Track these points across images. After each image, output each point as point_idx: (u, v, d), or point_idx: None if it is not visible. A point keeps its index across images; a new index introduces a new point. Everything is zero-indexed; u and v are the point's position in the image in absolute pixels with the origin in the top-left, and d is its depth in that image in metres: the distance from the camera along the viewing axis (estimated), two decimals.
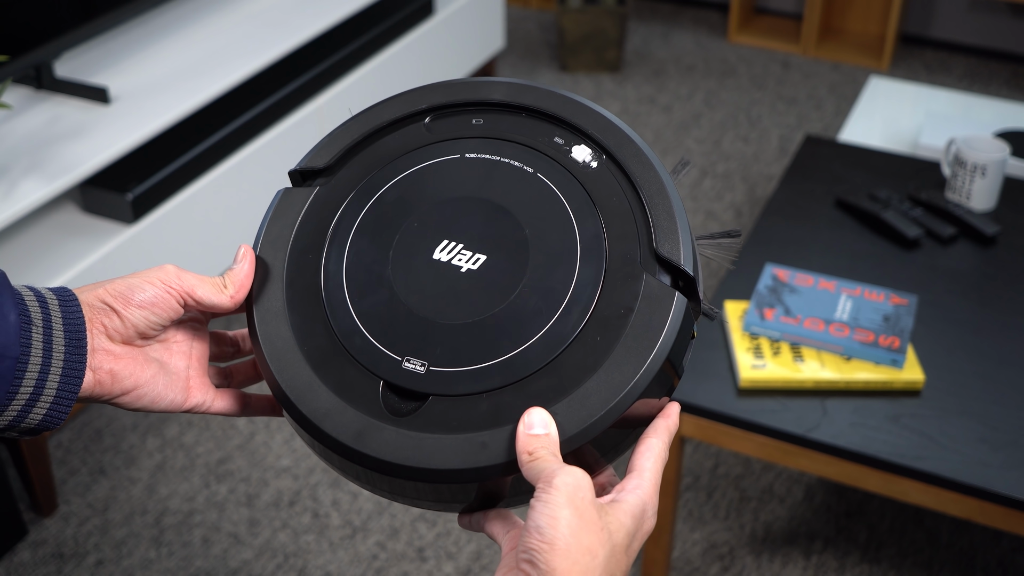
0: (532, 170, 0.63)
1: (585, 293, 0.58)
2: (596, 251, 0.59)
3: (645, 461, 0.56)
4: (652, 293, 0.57)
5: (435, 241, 0.61)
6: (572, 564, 0.50)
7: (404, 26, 2.68)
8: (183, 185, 2.06)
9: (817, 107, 3.32)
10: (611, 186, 0.62)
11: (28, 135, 1.93)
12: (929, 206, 1.91)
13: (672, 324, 0.56)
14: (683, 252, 0.58)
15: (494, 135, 0.65)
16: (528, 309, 0.58)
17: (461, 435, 0.55)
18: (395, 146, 0.66)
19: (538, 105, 0.65)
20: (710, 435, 1.54)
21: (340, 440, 0.56)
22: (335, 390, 0.58)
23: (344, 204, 0.64)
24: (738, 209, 2.81)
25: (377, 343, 0.58)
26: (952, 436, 1.46)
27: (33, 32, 1.96)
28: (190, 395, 0.63)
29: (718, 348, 1.60)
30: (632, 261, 0.59)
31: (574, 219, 0.61)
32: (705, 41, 3.76)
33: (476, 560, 1.85)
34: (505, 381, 0.56)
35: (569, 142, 0.64)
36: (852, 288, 1.65)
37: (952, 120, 2.32)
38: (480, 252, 0.60)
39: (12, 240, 1.92)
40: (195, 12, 2.43)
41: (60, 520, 1.92)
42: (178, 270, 0.61)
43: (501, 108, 0.66)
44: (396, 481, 0.56)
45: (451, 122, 0.66)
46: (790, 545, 1.88)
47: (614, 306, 0.57)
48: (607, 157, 0.63)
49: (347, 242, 0.62)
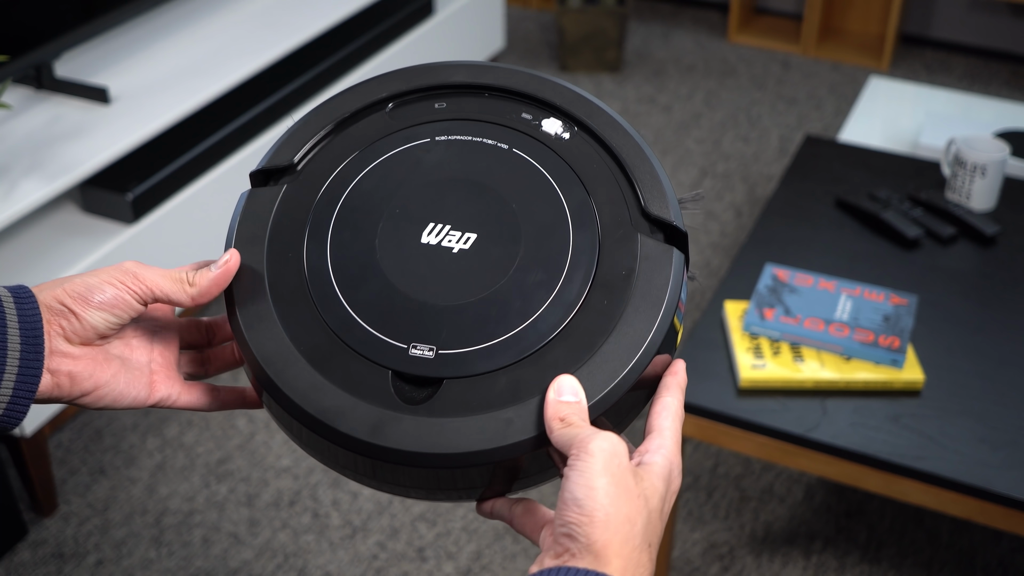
0: (507, 146, 0.62)
1: (584, 259, 0.57)
2: (587, 217, 0.59)
3: (663, 420, 0.55)
4: (650, 252, 0.57)
5: (421, 225, 0.59)
6: (613, 535, 0.48)
7: (404, 26, 2.68)
8: (183, 185, 2.06)
9: (817, 107, 3.32)
10: (588, 154, 0.62)
11: (28, 135, 1.93)
12: (929, 206, 1.91)
13: (675, 279, 0.57)
14: (672, 210, 0.59)
15: (461, 116, 0.64)
16: (530, 281, 0.57)
17: (484, 415, 0.54)
18: (360, 136, 0.64)
19: (500, 83, 0.64)
20: (710, 435, 1.54)
21: (357, 437, 0.54)
22: (342, 387, 0.55)
23: (317, 198, 0.62)
24: (738, 209, 2.81)
25: (378, 333, 0.57)
26: (952, 436, 1.46)
27: (33, 32, 1.96)
28: (154, 390, 0.62)
29: (718, 348, 1.60)
30: (624, 223, 0.59)
31: (559, 189, 0.60)
32: (705, 41, 3.76)
33: (476, 560, 1.86)
34: (520, 355, 0.55)
35: (537, 116, 0.63)
36: (852, 288, 1.65)
37: (952, 120, 2.32)
38: (470, 231, 0.59)
39: (12, 240, 1.92)
40: (195, 12, 2.43)
41: (60, 520, 1.93)
42: (138, 267, 0.59)
43: (462, 90, 0.65)
44: (419, 473, 0.54)
45: (414, 108, 0.65)
46: (790, 545, 1.88)
47: (615, 268, 0.57)
48: (578, 127, 0.63)
49: (327, 236, 0.60)
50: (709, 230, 2.72)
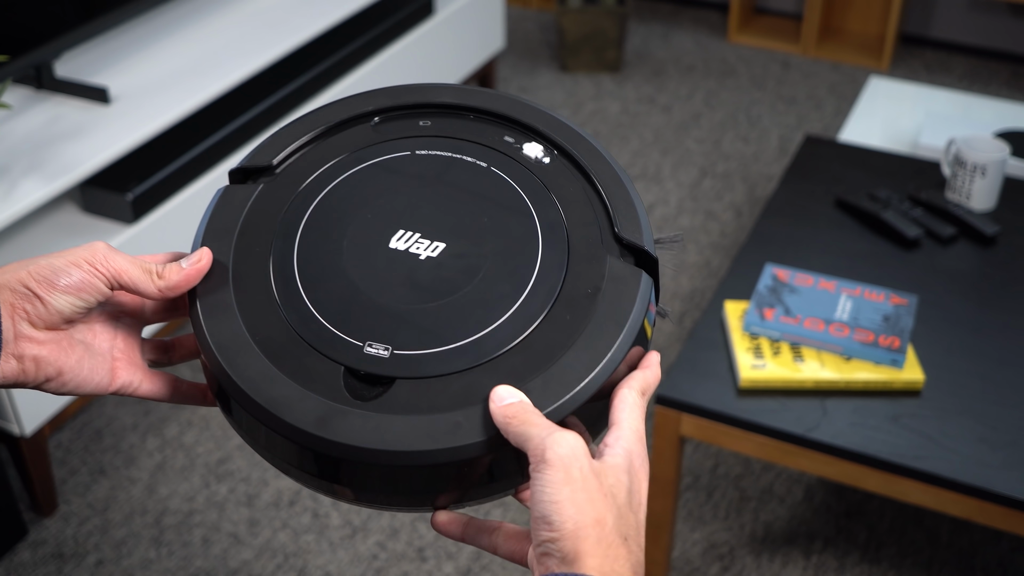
0: (485, 164, 0.63)
1: (551, 275, 0.58)
2: (558, 236, 0.60)
3: (619, 413, 0.55)
4: (618, 274, 0.58)
5: (391, 231, 0.60)
6: (584, 540, 0.49)
7: (404, 26, 2.68)
8: (183, 185, 2.06)
9: (817, 107, 3.32)
10: (566, 178, 0.63)
11: (28, 135, 1.93)
12: (929, 206, 1.91)
13: (641, 301, 0.57)
14: (644, 235, 0.60)
15: (444, 134, 0.65)
16: (494, 291, 0.57)
17: (432, 416, 0.53)
18: (342, 145, 0.65)
19: (485, 106, 0.66)
20: (710, 435, 1.54)
21: (302, 428, 0.54)
22: (293, 378, 0.55)
23: (292, 199, 0.62)
24: (738, 209, 2.81)
25: (336, 330, 0.57)
26: (952, 436, 1.46)
27: (33, 32, 1.96)
28: (115, 377, 0.61)
29: (718, 348, 1.60)
30: (595, 244, 0.60)
31: (532, 208, 0.61)
32: (705, 41, 3.76)
33: (476, 560, 1.86)
34: (475, 361, 0.55)
35: (519, 140, 0.65)
36: (852, 288, 1.65)
37: (952, 120, 2.32)
38: (439, 240, 0.59)
39: (12, 240, 1.92)
40: (195, 12, 2.43)
41: (60, 520, 1.93)
42: (108, 250, 0.58)
43: (448, 111, 0.67)
44: (365, 471, 0.54)
45: (399, 124, 0.66)
46: (790, 545, 1.88)
47: (581, 286, 0.58)
48: (559, 152, 0.64)
49: (297, 235, 0.60)
50: (709, 230, 2.72)
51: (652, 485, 1.64)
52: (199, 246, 0.61)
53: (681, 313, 2.43)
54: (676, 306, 2.45)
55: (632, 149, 3.09)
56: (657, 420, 1.56)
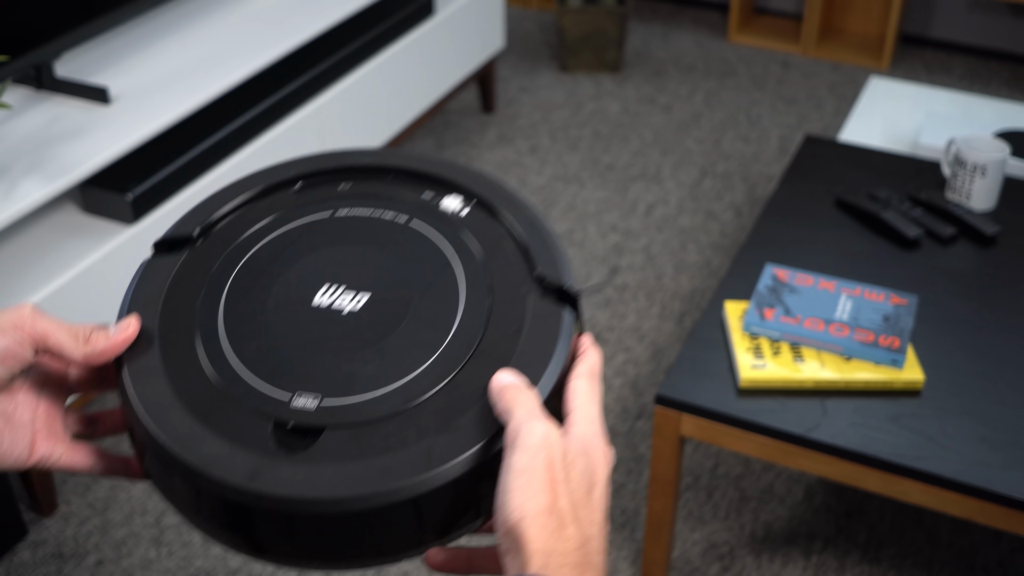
0: (405, 219, 0.66)
1: (474, 319, 0.60)
2: (479, 281, 0.62)
3: (572, 402, 0.55)
4: (540, 312, 0.60)
5: (316, 287, 0.62)
6: (529, 527, 0.49)
7: (404, 26, 2.68)
8: (183, 185, 2.06)
9: (817, 107, 3.32)
10: (485, 225, 0.65)
11: (28, 135, 1.93)
12: (929, 206, 1.91)
13: (564, 336, 0.59)
14: (562, 273, 0.62)
15: (363, 194, 0.68)
16: (418, 338, 0.59)
17: (363, 462, 0.54)
18: (265, 211, 0.67)
19: (402, 166, 0.69)
20: (710, 435, 1.54)
21: (232, 483, 0.53)
22: (221, 436, 0.55)
23: (216, 263, 0.64)
24: (738, 209, 2.81)
25: (263, 384, 0.57)
26: (952, 436, 1.46)
27: (33, 32, 1.96)
28: (35, 449, 0.58)
29: (718, 348, 1.60)
30: (516, 286, 0.62)
31: (453, 256, 0.63)
32: (705, 41, 3.76)
33: None
34: (403, 406, 0.56)
35: (438, 195, 0.67)
36: (852, 288, 1.65)
37: (952, 120, 2.32)
38: (363, 292, 0.61)
39: (12, 240, 1.93)
40: (195, 12, 2.44)
41: (60, 520, 1.93)
42: (35, 312, 0.56)
43: (367, 173, 0.69)
44: (302, 524, 0.54)
45: (319, 188, 0.69)
46: (790, 545, 1.88)
47: (504, 327, 0.59)
48: (477, 203, 0.67)
49: (222, 297, 0.62)
50: (709, 230, 2.72)
51: (652, 485, 1.64)
52: (125, 315, 0.61)
53: (681, 313, 2.43)
54: (676, 306, 2.45)
55: (632, 149, 3.09)
56: (657, 420, 1.56)
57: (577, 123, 3.23)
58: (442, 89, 2.87)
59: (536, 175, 2.96)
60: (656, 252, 2.64)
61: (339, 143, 2.48)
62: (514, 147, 3.09)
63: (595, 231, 2.71)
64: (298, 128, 2.33)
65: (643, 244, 2.66)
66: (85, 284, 1.86)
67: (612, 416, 2.15)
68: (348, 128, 2.50)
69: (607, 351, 2.31)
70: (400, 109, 2.70)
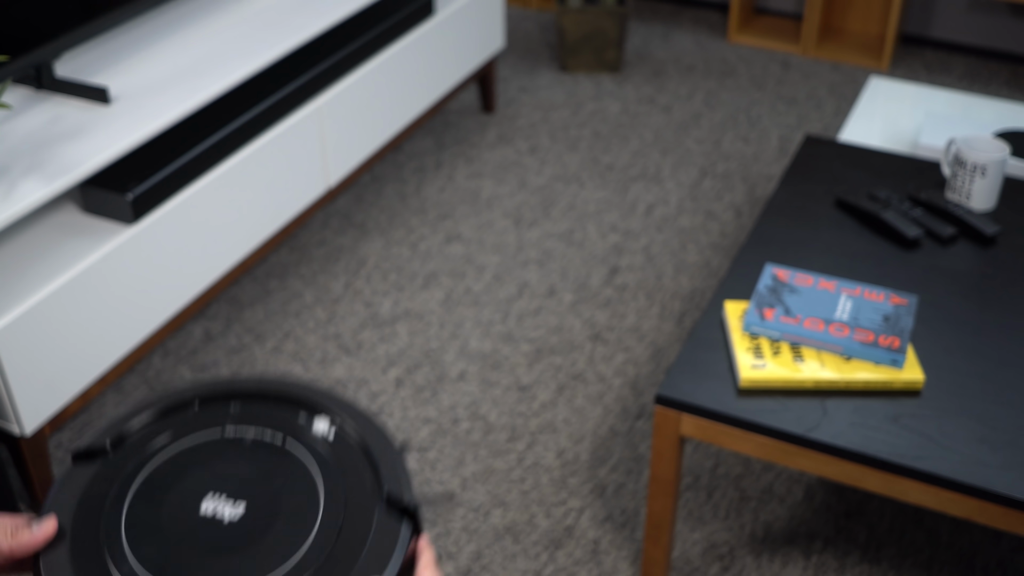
0: (281, 441, 0.80)
1: (329, 528, 0.73)
2: (336, 497, 0.76)
3: None
4: (383, 526, 0.73)
5: (201, 495, 0.76)
6: None
7: (404, 26, 2.68)
8: (183, 185, 2.06)
9: (817, 107, 3.32)
10: (346, 447, 0.80)
11: (28, 135, 1.93)
12: (929, 206, 1.91)
13: (401, 546, 0.72)
14: (405, 491, 0.76)
15: (250, 416, 0.83)
16: (280, 548, 0.72)
17: None
18: (167, 428, 0.82)
19: (284, 393, 0.84)
20: (710, 435, 1.54)
21: None
22: None
23: (123, 474, 0.77)
24: (738, 209, 2.81)
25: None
26: (952, 436, 1.46)
27: (33, 32, 1.96)
28: None
29: (718, 348, 1.60)
30: (365, 501, 0.75)
31: (317, 474, 0.77)
32: (705, 41, 3.76)
33: (476, 560, 1.86)
34: None
35: (310, 419, 0.82)
36: (852, 288, 1.65)
37: (952, 120, 2.32)
38: (239, 503, 0.75)
39: (12, 240, 1.93)
40: (195, 12, 2.44)
41: None
42: None
43: (255, 397, 0.85)
44: None
45: (214, 409, 0.84)
46: (790, 545, 1.88)
47: (354, 537, 0.73)
48: (342, 426, 0.82)
49: (124, 505, 0.75)
50: (709, 230, 2.72)
51: (652, 485, 1.64)
52: (47, 514, 0.74)
53: (681, 313, 2.43)
54: (676, 306, 2.45)
55: (632, 149, 3.09)
56: (657, 420, 1.56)
57: (577, 123, 3.23)
58: (442, 89, 2.87)
59: (536, 175, 2.96)
60: (656, 252, 2.64)
61: (339, 143, 2.48)
62: (514, 147, 3.09)
63: (595, 231, 2.72)
64: (298, 128, 2.33)
65: (643, 244, 2.67)
66: (85, 284, 1.86)
67: (612, 416, 2.15)
68: (348, 128, 2.50)
69: (607, 351, 2.31)
70: (400, 109, 2.70)
